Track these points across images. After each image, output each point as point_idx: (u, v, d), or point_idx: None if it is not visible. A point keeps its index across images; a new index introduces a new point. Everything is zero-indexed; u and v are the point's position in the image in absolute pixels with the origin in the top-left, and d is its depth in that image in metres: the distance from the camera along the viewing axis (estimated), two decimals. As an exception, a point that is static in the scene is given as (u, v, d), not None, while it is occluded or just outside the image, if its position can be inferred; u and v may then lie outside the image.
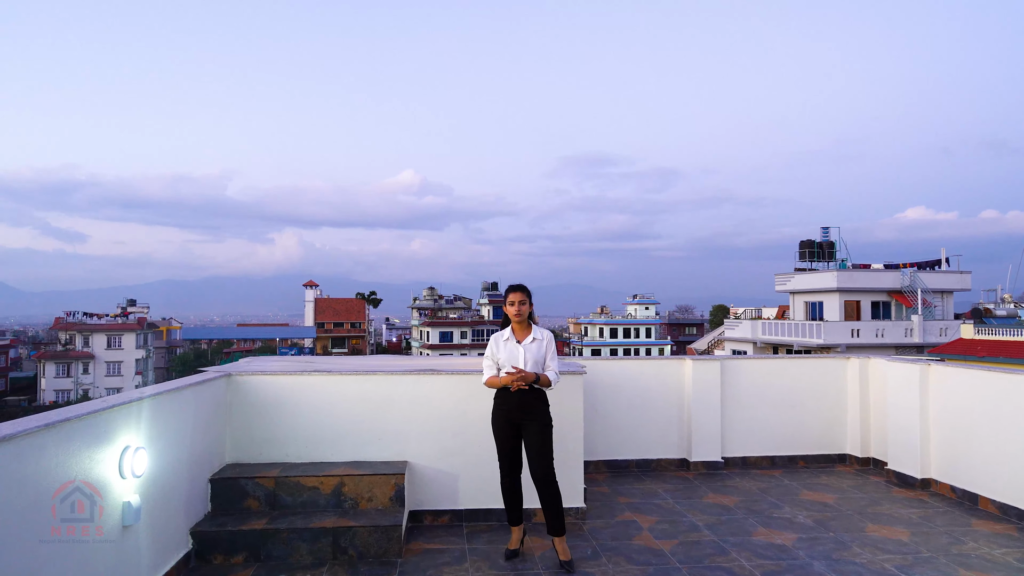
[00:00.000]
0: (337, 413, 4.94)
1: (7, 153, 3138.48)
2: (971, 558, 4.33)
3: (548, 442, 4.14)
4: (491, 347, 4.28)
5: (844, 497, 5.73)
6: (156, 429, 3.63)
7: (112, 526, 3.19)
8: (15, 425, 2.60)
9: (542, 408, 4.17)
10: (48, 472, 2.72)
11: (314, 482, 4.56)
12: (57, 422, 2.76)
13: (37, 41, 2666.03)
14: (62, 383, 65.00)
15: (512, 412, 4.14)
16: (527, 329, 4.24)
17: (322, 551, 4.21)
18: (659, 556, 4.35)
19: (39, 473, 2.66)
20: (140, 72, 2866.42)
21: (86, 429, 2.99)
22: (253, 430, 4.87)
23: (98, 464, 3.07)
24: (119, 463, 3.23)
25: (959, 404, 5.66)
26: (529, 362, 4.12)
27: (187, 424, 4.12)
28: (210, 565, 4.09)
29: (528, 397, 4.12)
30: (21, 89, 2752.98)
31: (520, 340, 4.20)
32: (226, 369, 5.02)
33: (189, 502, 4.14)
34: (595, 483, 6.06)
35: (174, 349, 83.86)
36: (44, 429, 2.68)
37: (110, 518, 3.17)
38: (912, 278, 35.86)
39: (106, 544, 3.13)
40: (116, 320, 71.03)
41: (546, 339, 4.25)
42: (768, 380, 6.91)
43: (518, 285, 4.27)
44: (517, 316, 4.20)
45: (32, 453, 2.62)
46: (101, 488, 3.09)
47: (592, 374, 6.50)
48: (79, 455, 2.93)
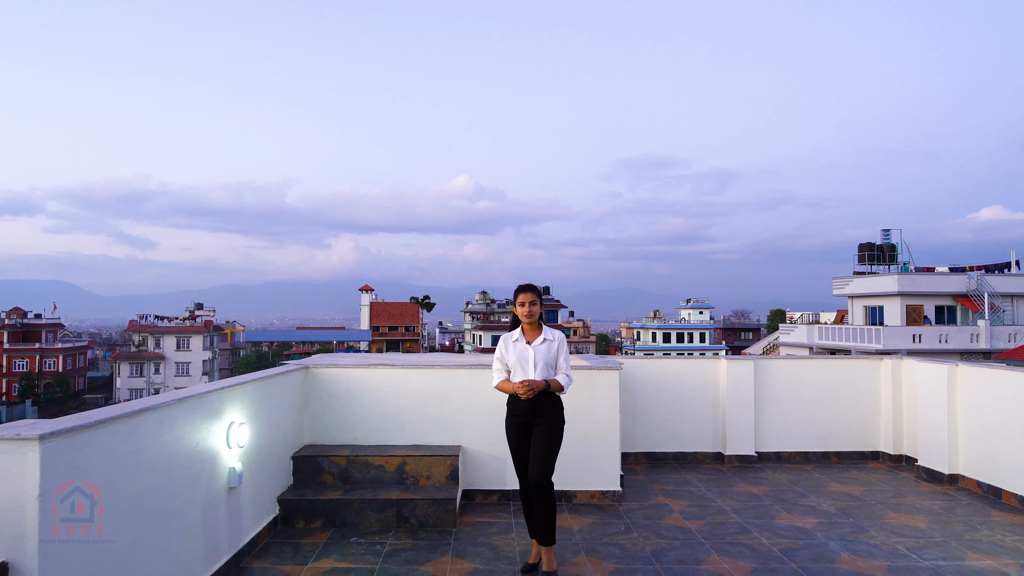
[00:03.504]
0: (400, 402, 5.59)
1: (85, 164, 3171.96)
2: (982, 543, 4.64)
3: (552, 448, 3.99)
4: (500, 348, 4.16)
5: (871, 489, 6.05)
6: (254, 409, 4.34)
7: (221, 487, 3.89)
8: (159, 399, 3.31)
9: (553, 412, 4.04)
10: (179, 438, 3.42)
11: (380, 461, 5.22)
12: (185, 398, 3.46)
13: (111, 58, 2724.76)
14: (135, 382, 68.72)
15: (523, 416, 4.02)
16: (538, 330, 4.10)
17: (388, 519, 4.86)
18: (686, 533, 4.83)
19: (173, 438, 3.37)
20: (206, 85, 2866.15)
21: (204, 406, 3.69)
22: (327, 416, 5.57)
23: (212, 435, 3.77)
24: (227, 435, 3.93)
25: (985, 402, 5.91)
26: (539, 364, 4.01)
27: (276, 407, 4.84)
28: (293, 528, 4.79)
29: (540, 401, 4.00)
30: (97, 102, 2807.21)
31: (530, 341, 4.08)
32: (304, 362, 5.76)
33: (276, 474, 4.86)
34: (633, 472, 6.54)
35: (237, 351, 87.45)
36: (176, 403, 3.38)
37: (220, 480, 3.87)
38: (979, 282, 34.64)
39: (218, 501, 3.83)
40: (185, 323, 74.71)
41: (557, 340, 4.10)
42: (802, 379, 7.25)
43: (528, 285, 4.11)
44: (528, 317, 4.06)
45: (168, 422, 3.32)
46: (214, 454, 3.79)
47: (632, 372, 7.00)
48: (199, 426, 3.63)
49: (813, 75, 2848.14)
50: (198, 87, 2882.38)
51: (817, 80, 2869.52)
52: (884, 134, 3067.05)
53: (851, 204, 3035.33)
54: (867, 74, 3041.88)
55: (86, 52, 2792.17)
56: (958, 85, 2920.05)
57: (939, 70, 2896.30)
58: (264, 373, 4.77)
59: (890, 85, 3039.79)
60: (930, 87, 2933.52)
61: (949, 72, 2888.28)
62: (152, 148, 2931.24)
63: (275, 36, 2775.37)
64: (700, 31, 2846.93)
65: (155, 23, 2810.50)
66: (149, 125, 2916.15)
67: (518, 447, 4.07)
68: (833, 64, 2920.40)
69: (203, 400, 3.68)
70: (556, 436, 4.03)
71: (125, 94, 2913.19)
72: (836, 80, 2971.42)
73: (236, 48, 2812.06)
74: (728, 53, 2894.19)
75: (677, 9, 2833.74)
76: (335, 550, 4.39)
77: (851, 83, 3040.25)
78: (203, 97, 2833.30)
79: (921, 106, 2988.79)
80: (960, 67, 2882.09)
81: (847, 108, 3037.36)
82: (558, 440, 4.04)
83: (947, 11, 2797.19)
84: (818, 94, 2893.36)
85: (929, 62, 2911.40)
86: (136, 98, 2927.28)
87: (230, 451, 3.97)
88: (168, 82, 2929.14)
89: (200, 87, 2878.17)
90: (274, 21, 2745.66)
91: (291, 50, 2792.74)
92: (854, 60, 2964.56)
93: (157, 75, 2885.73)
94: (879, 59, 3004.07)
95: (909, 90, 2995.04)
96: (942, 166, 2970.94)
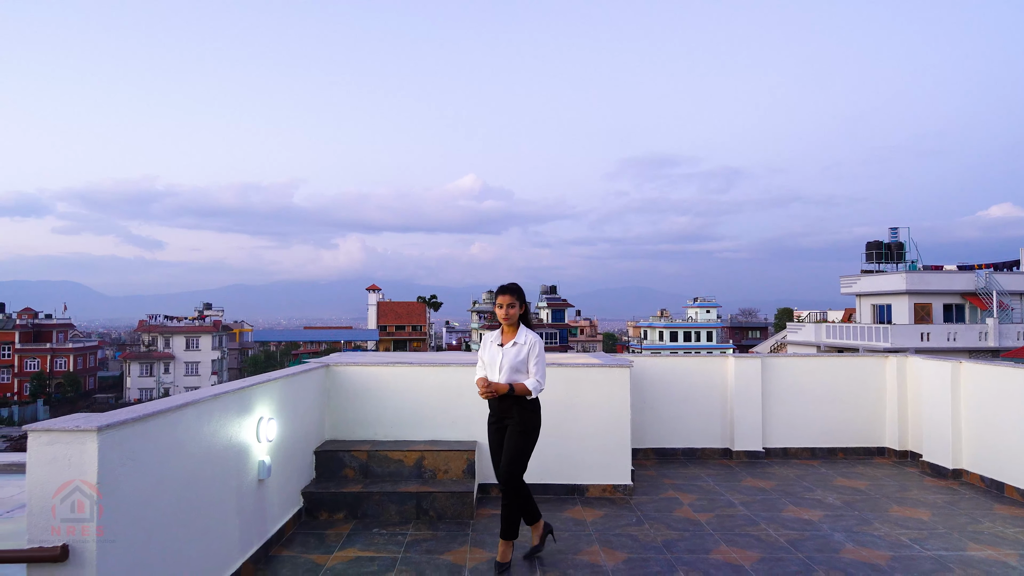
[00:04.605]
0: (417, 399, 5.77)
1: (93, 166, 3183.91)
2: (983, 535, 4.79)
3: (521, 449, 4.03)
4: (481, 346, 4.27)
5: (876, 484, 6.20)
6: (280, 405, 4.53)
7: (252, 479, 4.08)
8: (198, 394, 3.50)
9: (522, 415, 4.06)
10: (215, 431, 3.61)
11: (399, 456, 5.41)
12: (220, 393, 3.66)
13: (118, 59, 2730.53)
14: (145, 382, 69.31)
15: (493, 417, 4.18)
16: (513, 332, 4.13)
17: (407, 512, 5.04)
18: (695, 525, 4.99)
19: (211, 431, 3.56)
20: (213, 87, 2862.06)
21: (237, 401, 3.89)
22: (347, 412, 5.76)
23: (244, 428, 3.96)
24: (256, 430, 4.12)
25: (988, 398, 6.05)
26: (505, 367, 4.04)
27: (300, 404, 5.03)
28: (317, 520, 4.98)
29: (506, 403, 4.08)
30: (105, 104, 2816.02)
31: (503, 344, 4.13)
32: (325, 360, 5.95)
33: (300, 468, 5.05)
34: (643, 468, 6.71)
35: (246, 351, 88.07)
36: (213, 398, 3.57)
37: (251, 473, 4.06)
38: (988, 279, 34.60)
39: (249, 492, 4.02)
40: (194, 323, 75.30)
41: (528, 344, 4.06)
42: (808, 377, 7.40)
43: (508, 286, 4.13)
44: (505, 319, 4.09)
45: (207, 416, 3.51)
46: (246, 448, 3.98)
47: (641, 370, 7.16)
48: (232, 420, 3.82)
49: (820, 72, 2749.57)
50: (205, 89, 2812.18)
51: (824, 77, 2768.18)
52: (892, 131, 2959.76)
53: (859, 202, 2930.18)
54: (875, 71, 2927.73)
55: (93, 54, 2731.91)
56: (967, 81, 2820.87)
57: (948, 66, 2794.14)
58: (290, 371, 4.96)
59: (898, 82, 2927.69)
60: (939, 83, 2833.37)
61: (958, 68, 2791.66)
62: (160, 149, 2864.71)
63: (282, 37, 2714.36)
64: (707, 28, 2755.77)
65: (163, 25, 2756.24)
66: (156, 127, 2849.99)
67: (493, 448, 4.23)
68: (841, 61, 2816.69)
69: (236, 396, 3.87)
70: (524, 440, 4.04)
71: (132, 96, 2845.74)
72: (844, 77, 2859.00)
73: (243, 50, 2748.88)
74: (735, 50, 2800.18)
75: (684, 7, 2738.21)
76: (358, 540, 4.59)
77: (859, 80, 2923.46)
78: (210, 98, 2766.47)
79: (930, 102, 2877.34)
80: (969, 63, 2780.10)
81: (855, 105, 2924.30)
82: (526, 443, 4.05)
83: (955, 7, 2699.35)
84: (826, 91, 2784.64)
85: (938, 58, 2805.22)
86: (143, 100, 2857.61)
87: (259, 445, 4.16)
88: (175, 84, 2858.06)
89: (207, 89, 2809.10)
90: (281, 22, 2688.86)
91: (298, 51, 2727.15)
92: (862, 57, 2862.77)
93: (164, 77, 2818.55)
94: (887, 56, 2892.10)
95: (918, 86, 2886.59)
96: (951, 163, 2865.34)
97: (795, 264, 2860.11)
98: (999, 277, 34.63)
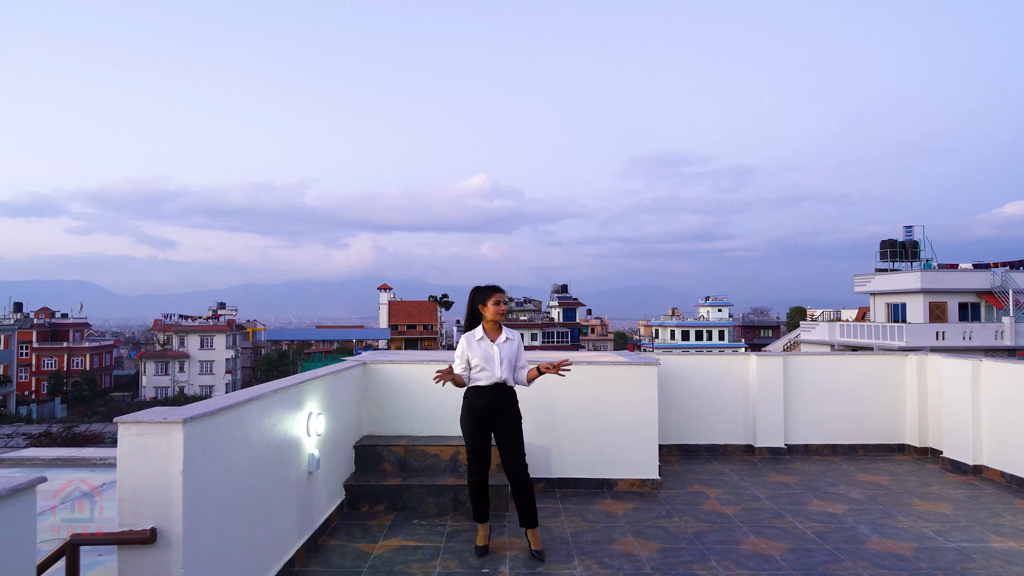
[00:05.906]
0: (452, 396, 5.95)
1: (106, 166, 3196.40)
2: (1005, 528, 4.93)
3: (520, 439, 4.29)
4: (463, 346, 4.29)
5: (898, 479, 6.34)
6: (326, 401, 4.74)
7: (302, 471, 4.29)
8: (259, 389, 3.71)
9: (517, 407, 4.35)
10: (274, 425, 3.82)
11: (435, 450, 5.61)
12: (279, 390, 3.87)
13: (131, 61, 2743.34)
14: (160, 380, 69.99)
15: (485, 411, 4.27)
16: (499, 329, 4.35)
17: (445, 504, 5.24)
18: (723, 517, 5.16)
19: (270, 425, 3.77)
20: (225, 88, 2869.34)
21: (291, 397, 4.10)
22: (383, 408, 5.97)
23: (296, 423, 4.18)
24: (307, 424, 4.33)
25: (1008, 396, 6.17)
26: (504, 361, 4.24)
27: (342, 400, 5.24)
28: (359, 512, 5.19)
29: (503, 396, 4.27)
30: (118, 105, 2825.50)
31: (494, 340, 4.30)
32: (362, 358, 6.16)
33: (342, 462, 5.26)
34: (668, 463, 6.88)
35: (259, 350, 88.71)
36: (271, 394, 3.78)
37: (301, 465, 4.27)
38: (1004, 278, 34.42)
39: (301, 483, 4.24)
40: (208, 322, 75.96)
41: (517, 339, 4.38)
42: (829, 375, 7.54)
43: (498, 286, 4.38)
44: (501, 316, 4.32)
45: (267, 410, 3.72)
46: (298, 441, 4.19)
47: (666, 368, 7.32)
48: (287, 415, 4.03)
49: (832, 70, 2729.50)
50: (217, 90, 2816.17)
51: (836, 74, 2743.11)
52: (906, 128, 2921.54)
53: (872, 200, 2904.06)
54: (887, 68, 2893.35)
55: (107, 56, 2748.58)
56: (981, 77, 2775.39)
57: (961, 62, 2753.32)
58: (334, 368, 5.18)
59: (911, 78, 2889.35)
60: (952, 79, 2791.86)
61: (971, 64, 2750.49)
62: (172, 150, 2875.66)
63: (293, 39, 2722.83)
64: (717, 26, 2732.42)
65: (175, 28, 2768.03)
66: (169, 127, 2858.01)
67: (477, 438, 4.30)
68: (852, 58, 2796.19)
69: (291, 392, 4.08)
70: (520, 429, 4.33)
71: (146, 97, 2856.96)
72: (855, 74, 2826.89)
73: (255, 51, 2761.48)
74: (746, 48, 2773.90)
75: (695, 4, 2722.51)
76: (401, 531, 4.79)
77: (871, 77, 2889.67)
78: (222, 99, 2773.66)
79: (944, 99, 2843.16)
80: (983, 59, 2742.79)
81: (867, 102, 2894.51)
82: (522, 431, 4.35)
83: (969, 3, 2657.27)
84: (837, 88, 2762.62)
85: (951, 55, 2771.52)
86: (156, 101, 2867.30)
87: (309, 439, 4.37)
88: (187, 85, 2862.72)
89: (219, 90, 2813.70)
90: (293, 23, 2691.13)
91: (309, 52, 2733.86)
92: (873, 54, 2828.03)
93: (176, 79, 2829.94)
94: (899, 53, 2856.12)
95: (931, 83, 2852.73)
96: (965, 160, 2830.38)
97: (807, 263, 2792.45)
98: (1015, 275, 34.45)
